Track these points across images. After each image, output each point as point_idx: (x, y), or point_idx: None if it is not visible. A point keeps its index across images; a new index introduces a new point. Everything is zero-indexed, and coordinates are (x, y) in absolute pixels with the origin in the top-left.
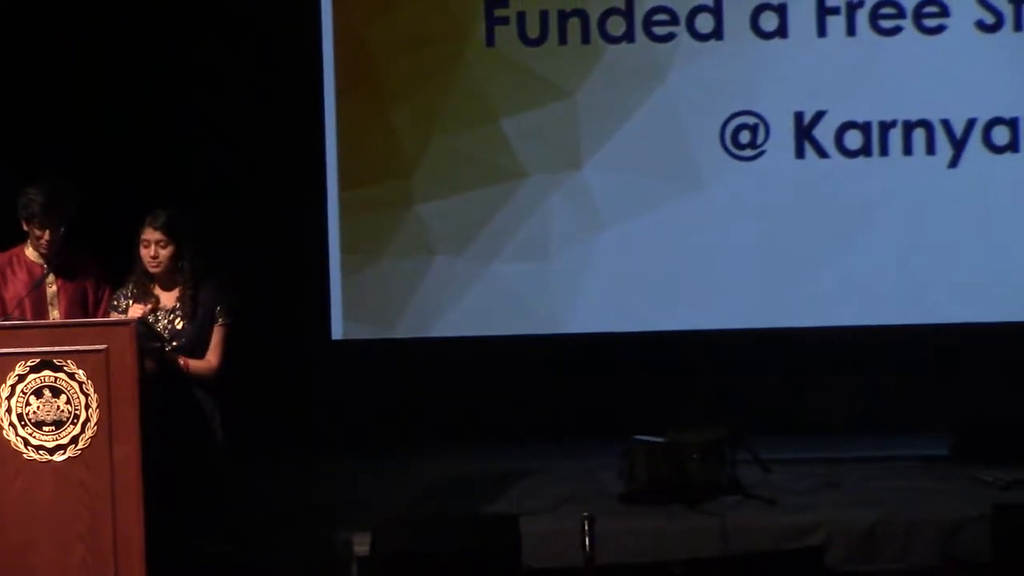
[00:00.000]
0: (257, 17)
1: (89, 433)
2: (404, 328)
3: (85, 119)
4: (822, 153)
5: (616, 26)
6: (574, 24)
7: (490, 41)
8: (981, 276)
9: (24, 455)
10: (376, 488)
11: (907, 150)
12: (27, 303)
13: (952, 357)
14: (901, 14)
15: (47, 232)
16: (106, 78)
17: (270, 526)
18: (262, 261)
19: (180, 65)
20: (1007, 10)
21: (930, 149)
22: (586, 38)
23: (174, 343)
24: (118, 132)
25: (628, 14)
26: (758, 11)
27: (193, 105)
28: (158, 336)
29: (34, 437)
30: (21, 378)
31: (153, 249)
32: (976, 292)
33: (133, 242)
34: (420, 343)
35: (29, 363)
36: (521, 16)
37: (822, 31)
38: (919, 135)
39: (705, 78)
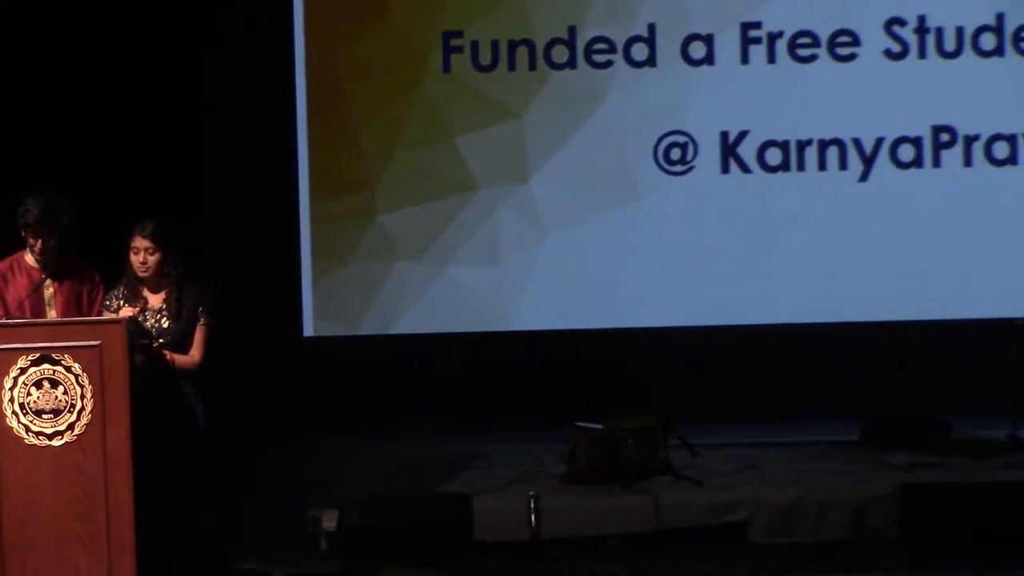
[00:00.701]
0: (237, 44)
1: (84, 420)
2: (368, 326)
3: (83, 136)
4: (745, 168)
5: (560, 54)
6: (522, 52)
7: (446, 68)
8: (886, 278)
9: (25, 440)
10: (343, 470)
11: (822, 166)
12: (27, 304)
13: (862, 352)
14: (816, 43)
15: (39, 242)
16: (100, 98)
17: (248, 504)
18: (241, 266)
19: (168, 88)
20: (912, 40)
21: (842, 165)
22: (533, 65)
23: (161, 340)
24: (113, 150)
25: (570, 43)
26: (688, 41)
27: (179, 125)
28: (147, 333)
29: (34, 424)
30: (23, 371)
31: (142, 256)
32: (882, 292)
33: (124, 249)
34: (383, 339)
35: (30, 357)
36: (474, 45)
37: (745, 59)
38: (832, 152)
39: (640, 101)
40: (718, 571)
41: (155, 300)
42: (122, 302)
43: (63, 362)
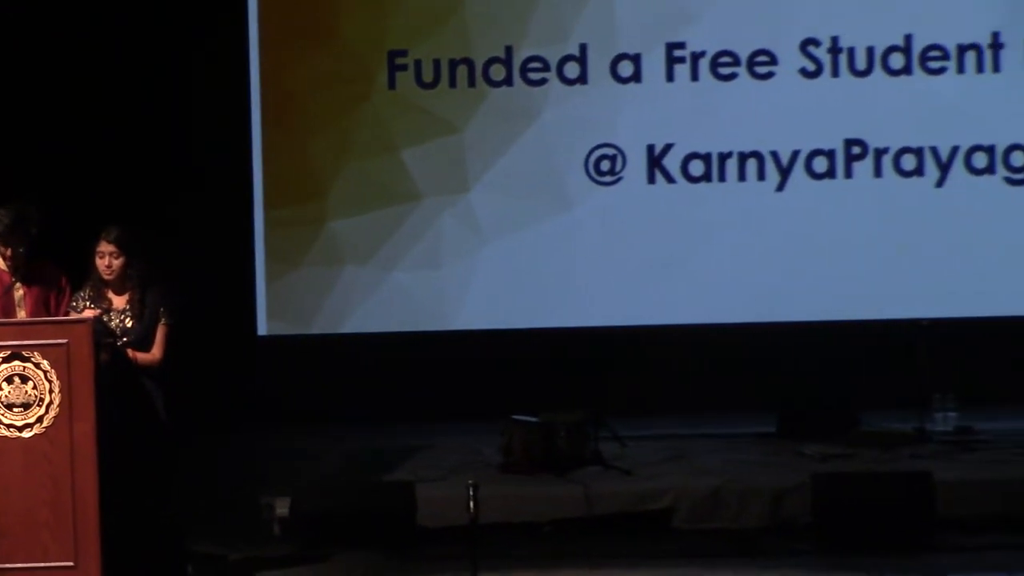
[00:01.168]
0: (195, 60)
1: (52, 414)
2: (319, 326)
3: (51, 148)
4: (670, 179)
5: (498, 72)
6: (462, 71)
7: (392, 85)
8: (802, 281)
9: None
10: (295, 460)
11: (741, 177)
12: None
13: (779, 349)
14: (737, 62)
15: (10, 249)
16: (68, 113)
17: (206, 492)
18: (199, 269)
19: (131, 102)
20: (826, 59)
21: (761, 176)
22: (472, 82)
23: (124, 339)
24: (79, 160)
25: (507, 62)
26: (616, 60)
27: (142, 136)
28: (111, 333)
29: (5, 417)
30: None
31: (107, 259)
32: (798, 294)
33: (89, 253)
34: (333, 338)
35: (1, 355)
36: (418, 64)
37: (670, 77)
38: (752, 164)
39: (572, 116)
40: (645, 555)
41: (119, 301)
42: (88, 303)
43: (32, 359)
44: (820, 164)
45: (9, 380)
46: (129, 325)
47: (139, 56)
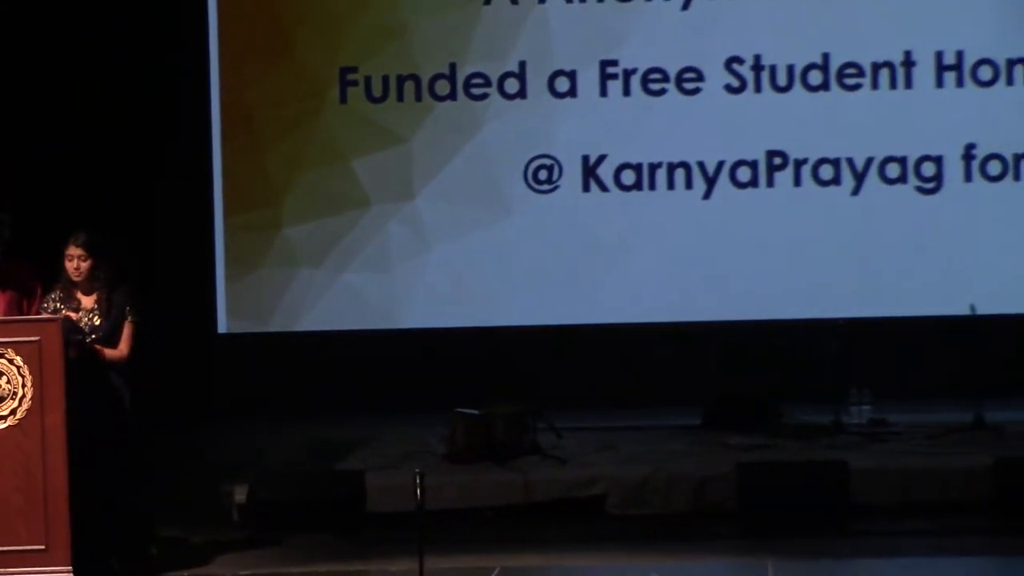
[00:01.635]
0: (159, 77)
1: (25, 406)
2: (275, 324)
3: (26, 157)
4: (603, 188)
5: (442, 88)
6: (409, 86)
7: (343, 99)
8: (727, 282)
9: None
10: (252, 450)
11: (670, 186)
12: None
13: (705, 346)
14: (666, 79)
15: None
16: (43, 125)
17: (170, 480)
18: (163, 271)
19: (101, 113)
20: (749, 76)
21: (688, 185)
22: (419, 97)
23: (93, 336)
24: (51, 169)
25: (451, 78)
26: (553, 76)
27: (110, 147)
28: (80, 330)
29: None
30: None
31: (76, 262)
32: (723, 295)
33: (59, 255)
34: (288, 336)
35: None
36: (368, 80)
37: (604, 92)
38: (680, 174)
39: (512, 128)
40: (580, 539)
41: (87, 301)
42: (58, 304)
43: (6, 355)
44: (744, 174)
45: None
46: (97, 323)
47: (108, 72)
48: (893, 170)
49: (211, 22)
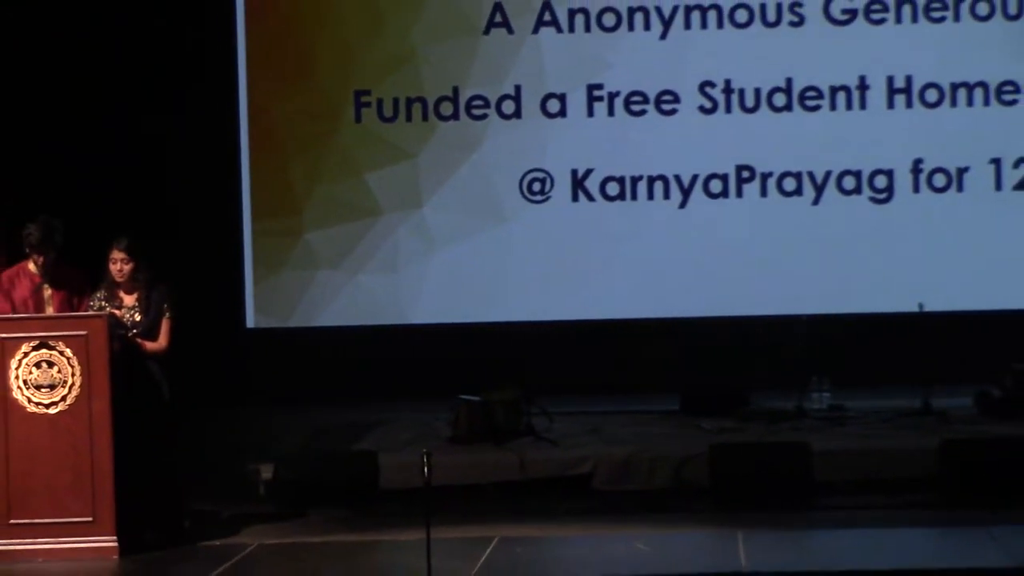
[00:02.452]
0: (194, 99)
1: (74, 394)
2: (297, 320)
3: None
4: (590, 198)
5: (446, 109)
6: (417, 107)
7: (358, 119)
8: (700, 282)
9: (27, 409)
10: (277, 433)
11: (650, 196)
12: (30, 303)
13: (682, 340)
14: (646, 101)
15: (41, 258)
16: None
17: (202, 459)
18: (197, 272)
19: (145, 133)
20: (720, 98)
21: (666, 196)
22: (425, 117)
23: (134, 331)
24: (99, 180)
25: (455, 100)
26: (546, 99)
27: (150, 160)
28: (123, 325)
29: (35, 396)
30: (26, 354)
31: (119, 265)
32: (697, 292)
33: (104, 259)
34: (308, 330)
35: (32, 344)
36: (380, 102)
37: (591, 113)
38: (659, 186)
39: (508, 145)
40: (570, 512)
41: (129, 299)
42: (103, 302)
43: (57, 348)
44: (716, 186)
45: (38, 365)
46: (138, 319)
47: (151, 96)
48: (849, 182)
49: (240, 49)
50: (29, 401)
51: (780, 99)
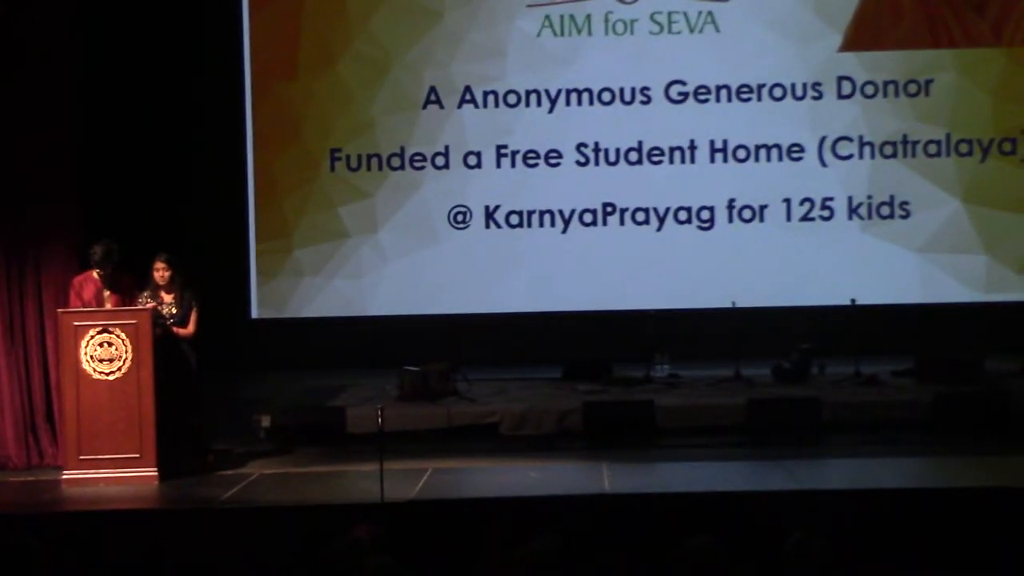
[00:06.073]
0: (211, 154)
1: (127, 366)
2: (289, 312)
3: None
4: (498, 226)
5: (395, 162)
6: (375, 161)
7: (332, 168)
8: (576, 285)
9: (93, 376)
10: (273, 393)
11: (541, 224)
12: (93, 302)
13: (563, 328)
14: (538, 156)
15: (102, 269)
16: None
17: (219, 412)
18: (217, 278)
19: (180, 180)
20: (591, 155)
21: (552, 224)
22: (380, 167)
23: (171, 321)
24: (151, 216)
25: (402, 156)
26: (467, 155)
27: (180, 199)
28: (163, 317)
29: (99, 367)
30: (92, 337)
31: (160, 272)
32: (573, 292)
33: (149, 268)
34: (296, 319)
35: (96, 330)
36: (348, 156)
37: (499, 165)
38: (547, 217)
39: (440, 188)
40: (483, 451)
41: (167, 298)
42: (147, 300)
43: (115, 332)
44: (588, 217)
45: (101, 345)
46: (174, 312)
47: (187, 159)
48: (683, 215)
49: (247, 121)
50: (94, 371)
51: (634, 156)
